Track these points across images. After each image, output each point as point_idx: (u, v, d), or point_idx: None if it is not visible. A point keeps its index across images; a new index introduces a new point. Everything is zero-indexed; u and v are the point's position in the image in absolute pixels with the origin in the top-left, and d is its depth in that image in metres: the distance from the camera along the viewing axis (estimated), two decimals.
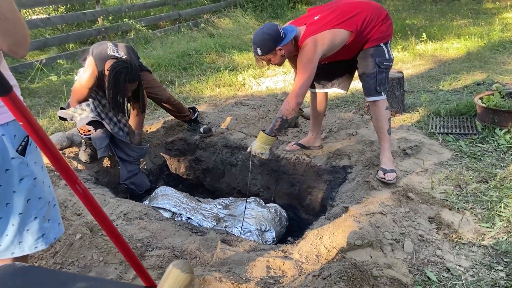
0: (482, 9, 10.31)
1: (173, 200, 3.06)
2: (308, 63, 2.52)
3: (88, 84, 3.03)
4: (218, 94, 5.05)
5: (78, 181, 0.87)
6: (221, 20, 9.64)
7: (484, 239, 2.15)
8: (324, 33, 2.54)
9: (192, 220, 2.94)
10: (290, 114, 2.57)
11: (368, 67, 2.69)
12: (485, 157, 2.93)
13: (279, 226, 2.98)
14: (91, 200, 0.90)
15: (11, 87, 0.85)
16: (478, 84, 4.59)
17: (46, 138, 0.87)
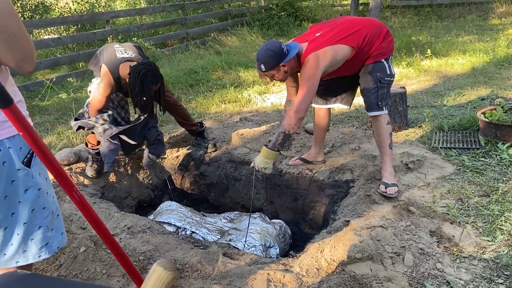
0: (488, 25, 10.36)
1: (177, 215, 3.10)
2: (310, 79, 2.57)
3: (106, 93, 3.07)
4: (224, 110, 5.12)
5: (74, 188, 0.91)
6: (228, 38, 9.81)
7: (485, 253, 2.14)
8: (326, 49, 2.59)
9: (196, 234, 2.97)
10: (292, 129, 2.61)
11: (369, 82, 2.73)
12: (488, 171, 2.93)
13: (283, 243, 2.99)
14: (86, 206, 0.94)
15: (11, 100, 0.91)
16: (482, 99, 4.60)
17: (44, 148, 0.92)
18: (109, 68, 3.04)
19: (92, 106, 3.14)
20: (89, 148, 3.38)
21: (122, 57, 3.09)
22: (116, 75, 3.05)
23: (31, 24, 7.69)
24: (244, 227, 3.01)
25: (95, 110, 3.14)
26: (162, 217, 3.09)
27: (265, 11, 12.44)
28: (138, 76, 2.93)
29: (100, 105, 3.13)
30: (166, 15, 11.18)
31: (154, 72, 2.99)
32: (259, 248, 2.81)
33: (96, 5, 11.47)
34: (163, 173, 3.79)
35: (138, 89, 2.96)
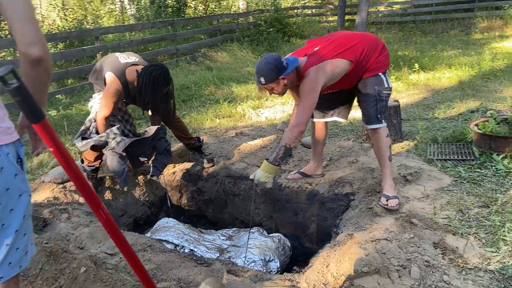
0: (471, 39, 10.65)
1: (175, 232, 3.05)
2: (311, 92, 2.59)
3: (114, 99, 3.00)
4: (218, 125, 5.11)
5: (101, 206, 0.89)
6: (218, 54, 9.86)
7: (490, 264, 2.15)
8: (325, 63, 2.63)
9: (195, 252, 2.92)
10: (293, 143, 2.61)
11: (368, 96, 2.76)
12: (485, 182, 2.97)
13: (283, 256, 2.96)
14: (113, 226, 0.91)
15: (43, 115, 0.89)
16: (472, 112, 4.68)
17: (73, 164, 0.90)
18: (116, 74, 3.01)
19: (100, 115, 3.06)
20: (85, 165, 3.32)
21: (126, 62, 3.08)
22: (123, 80, 3.02)
23: None
24: (242, 243, 2.98)
25: (102, 118, 3.05)
26: (159, 234, 3.04)
27: (253, 27, 12.58)
28: (150, 77, 2.91)
29: (108, 112, 3.04)
30: (155, 31, 11.20)
31: (165, 74, 2.99)
32: (259, 263, 2.78)
33: (84, 22, 11.44)
34: (159, 189, 3.74)
35: (149, 89, 2.94)
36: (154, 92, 2.98)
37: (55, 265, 2.21)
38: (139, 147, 3.22)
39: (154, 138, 3.28)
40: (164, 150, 3.31)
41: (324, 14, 16.43)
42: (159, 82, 2.97)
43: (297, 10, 16.04)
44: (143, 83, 2.96)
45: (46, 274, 2.16)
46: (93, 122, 3.16)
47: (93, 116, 3.17)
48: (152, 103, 3.05)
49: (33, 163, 4.09)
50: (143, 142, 3.23)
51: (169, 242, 2.94)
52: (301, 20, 14.43)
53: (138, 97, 3.05)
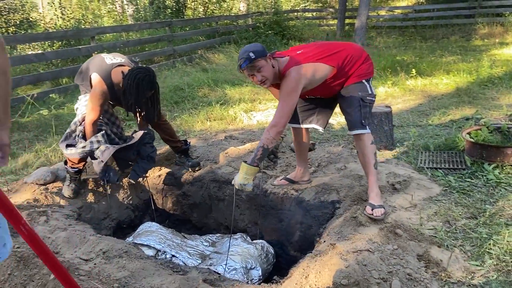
0: (471, 46, 10.59)
1: (157, 237, 2.97)
2: (291, 93, 2.53)
3: (100, 101, 2.96)
4: (209, 128, 5.04)
5: (23, 221, 0.82)
6: (215, 56, 9.81)
7: (474, 278, 2.07)
8: (307, 65, 2.59)
9: (176, 258, 2.85)
10: (271, 143, 2.54)
11: (352, 100, 2.69)
12: (474, 192, 2.89)
13: (265, 263, 2.89)
14: (36, 240, 0.84)
15: None
16: (467, 119, 4.62)
17: None
18: (101, 75, 2.96)
19: (87, 119, 3.01)
20: (68, 167, 3.25)
21: (112, 63, 3.03)
22: (108, 81, 2.97)
23: (14, 39, 7.58)
24: (225, 250, 2.90)
25: (90, 123, 3.01)
26: (141, 238, 2.97)
27: (252, 29, 12.53)
28: (134, 80, 2.87)
29: (96, 116, 3.00)
30: (153, 32, 11.16)
31: (150, 78, 2.94)
32: (240, 271, 2.70)
33: (82, 21, 11.40)
34: (144, 193, 3.66)
35: (133, 92, 2.89)
36: (138, 95, 2.94)
37: (25, 271, 2.14)
38: (125, 153, 3.19)
39: (139, 143, 3.23)
40: (147, 156, 3.26)
41: (325, 17, 16.38)
42: (144, 86, 2.92)
43: (297, 13, 15.99)
44: (127, 85, 2.91)
45: (14, 280, 2.09)
46: (78, 125, 3.11)
47: (78, 118, 3.13)
48: (135, 106, 3.00)
49: (17, 163, 4.02)
50: (128, 148, 3.18)
51: (150, 247, 2.87)
52: (301, 23, 14.38)
53: (123, 99, 3.01)
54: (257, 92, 6.80)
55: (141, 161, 3.25)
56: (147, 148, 3.27)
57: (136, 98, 2.95)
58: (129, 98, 2.95)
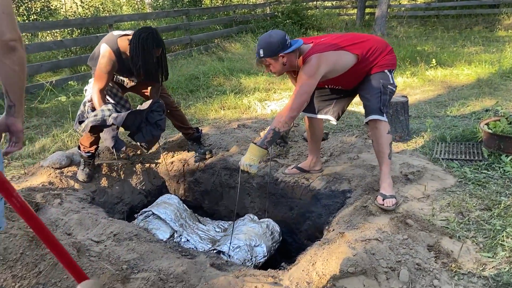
0: (494, 36, 10.27)
1: (173, 212, 3.04)
2: (309, 79, 2.51)
3: (108, 68, 2.97)
4: (223, 116, 5.05)
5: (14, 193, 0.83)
6: (232, 45, 9.78)
7: (485, 270, 2.03)
8: (330, 53, 2.56)
9: (189, 242, 2.88)
10: (282, 127, 2.52)
11: (372, 87, 2.65)
12: (490, 184, 2.82)
13: (270, 241, 2.88)
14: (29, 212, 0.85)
15: None
16: (487, 111, 4.50)
17: None
18: (108, 44, 2.98)
19: (95, 88, 3.03)
20: (81, 151, 3.31)
21: (119, 33, 3.05)
22: (115, 48, 2.98)
23: (34, 26, 7.70)
24: (231, 230, 2.93)
25: (97, 91, 3.02)
26: (159, 210, 3.04)
27: (270, 19, 12.42)
28: (139, 40, 2.88)
29: (103, 84, 3.01)
30: (170, 21, 11.18)
31: (154, 35, 2.93)
32: (243, 248, 2.71)
33: (100, 9, 11.50)
34: (157, 178, 3.70)
35: (139, 53, 2.89)
36: (145, 56, 2.92)
37: (36, 251, 2.19)
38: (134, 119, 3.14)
39: (148, 110, 3.21)
40: (155, 124, 3.21)
41: (344, 6, 16.12)
42: (149, 44, 2.91)
43: (316, 2, 15.77)
44: (133, 48, 2.91)
45: (26, 259, 2.13)
46: (87, 103, 3.14)
47: (88, 98, 3.15)
48: (143, 67, 2.97)
49: (35, 147, 4.10)
50: (138, 115, 3.16)
51: (165, 229, 2.91)
52: (319, 12, 14.18)
53: (131, 64, 2.99)
54: (272, 82, 6.76)
55: (149, 126, 3.23)
56: (155, 115, 3.23)
57: (144, 59, 2.93)
58: (137, 61, 2.94)
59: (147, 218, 3.04)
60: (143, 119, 3.19)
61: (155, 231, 2.91)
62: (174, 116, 3.59)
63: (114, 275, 2.09)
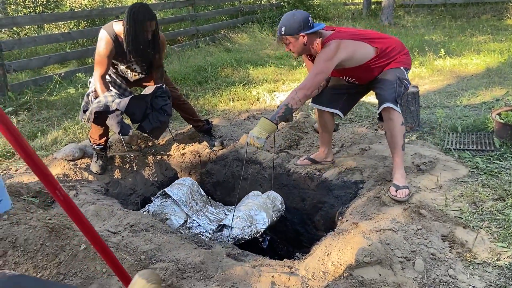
0: (503, 25, 10.16)
1: (185, 194, 3.10)
2: (326, 62, 2.54)
3: (105, 51, 3.00)
4: (232, 108, 5.06)
5: (58, 186, 0.85)
6: (238, 36, 9.73)
7: (500, 259, 2.05)
8: (350, 41, 2.60)
9: (200, 227, 2.92)
10: (295, 104, 2.53)
11: (388, 81, 2.67)
12: (503, 174, 2.82)
13: (271, 209, 2.92)
14: (72, 206, 0.88)
15: None
16: (497, 100, 4.47)
17: (25, 144, 0.86)
18: (105, 29, 3.02)
19: (95, 75, 3.07)
20: (92, 144, 3.34)
21: (115, 20, 3.09)
22: (111, 31, 3.00)
23: (41, 18, 7.70)
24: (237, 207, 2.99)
25: (99, 78, 3.05)
26: (172, 191, 3.10)
27: (276, 9, 12.33)
28: (130, 14, 2.89)
29: (103, 69, 3.04)
30: (176, 12, 11.13)
31: (145, 8, 2.94)
32: (243, 217, 2.76)
33: (106, 1, 11.47)
34: (169, 170, 3.73)
35: (131, 27, 2.90)
36: (136, 29, 2.92)
37: (56, 242, 2.23)
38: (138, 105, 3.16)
39: (152, 97, 3.22)
40: (160, 109, 3.21)
41: None
42: (140, 16, 2.91)
43: None
44: (126, 22, 2.92)
45: (46, 250, 2.18)
46: (91, 94, 3.16)
47: (92, 89, 3.17)
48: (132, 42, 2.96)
49: (47, 140, 4.14)
50: (142, 100, 3.17)
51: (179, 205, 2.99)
52: (326, 2, 14.06)
53: (125, 42, 2.98)
54: (280, 72, 6.75)
55: (155, 112, 3.23)
56: (160, 101, 3.24)
57: (135, 33, 2.93)
58: (129, 35, 2.93)
59: (162, 203, 3.09)
60: (148, 105, 3.19)
61: (170, 216, 2.98)
62: (183, 110, 3.61)
63: (133, 265, 2.13)
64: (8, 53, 7.53)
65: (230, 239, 2.70)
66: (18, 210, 2.41)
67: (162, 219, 2.95)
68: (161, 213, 3.02)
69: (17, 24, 7.41)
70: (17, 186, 2.82)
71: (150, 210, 3.09)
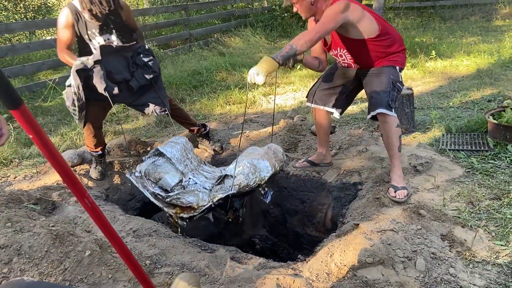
0: (492, 26, 10.32)
1: (179, 152, 3.01)
2: (333, 15, 2.53)
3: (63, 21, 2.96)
4: (228, 111, 5.09)
5: (86, 194, 0.88)
6: (232, 39, 9.78)
7: (499, 257, 2.10)
8: (359, 7, 2.63)
9: (197, 185, 2.88)
10: (300, 46, 2.48)
11: (382, 82, 2.69)
12: (498, 173, 2.89)
13: (273, 159, 2.90)
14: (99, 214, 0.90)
15: (21, 100, 0.87)
16: (489, 101, 4.56)
17: (55, 151, 0.88)
18: (67, 6, 3.01)
19: (58, 46, 3.06)
20: (91, 151, 3.35)
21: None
22: (71, 7, 2.98)
23: (34, 24, 7.67)
24: None
25: (63, 47, 3.03)
26: (165, 148, 3.01)
27: (268, 12, 12.40)
28: None
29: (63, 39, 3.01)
30: (169, 16, 11.15)
31: None
32: (246, 165, 2.71)
33: None
34: None
35: None
36: None
37: (61, 248, 2.24)
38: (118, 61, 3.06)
39: (133, 55, 3.14)
40: (145, 65, 3.15)
41: None
42: None
43: None
44: None
45: (51, 256, 2.18)
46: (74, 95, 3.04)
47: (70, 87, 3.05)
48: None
49: None
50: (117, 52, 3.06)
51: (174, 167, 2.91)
52: None
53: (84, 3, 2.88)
54: (275, 76, 6.79)
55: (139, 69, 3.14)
56: (143, 57, 3.16)
57: None
58: None
59: (155, 162, 2.99)
60: (130, 62, 3.12)
61: (164, 175, 2.87)
62: (175, 114, 3.60)
63: None
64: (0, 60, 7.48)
65: (234, 186, 2.64)
66: (21, 218, 2.41)
67: (155, 178, 2.86)
68: (155, 172, 2.91)
69: (10, 31, 7.37)
70: (18, 194, 2.82)
71: (141, 170, 2.96)
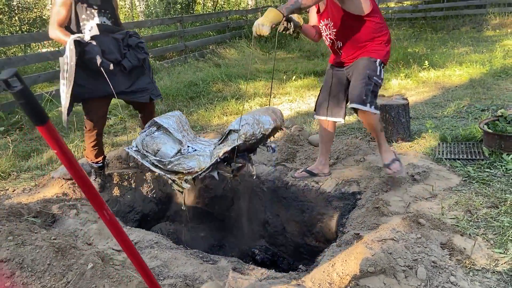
0: (483, 36, 10.50)
1: (176, 123, 3.01)
2: None
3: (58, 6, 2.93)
4: (226, 122, 5.12)
5: (105, 207, 0.90)
6: (227, 51, 9.86)
7: (498, 265, 2.13)
8: None
9: (196, 151, 2.87)
10: (305, 0, 2.52)
11: (358, 75, 2.81)
12: (494, 182, 2.93)
13: (274, 115, 2.89)
14: (117, 226, 0.92)
15: (47, 117, 0.89)
16: (482, 110, 4.63)
17: (77, 166, 0.90)
18: None
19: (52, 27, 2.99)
20: (90, 163, 3.35)
21: None
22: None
23: (30, 37, 7.69)
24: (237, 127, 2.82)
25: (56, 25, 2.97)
26: (162, 120, 3.00)
27: None
28: None
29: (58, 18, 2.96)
30: (164, 28, 11.23)
31: None
32: (249, 119, 2.71)
33: None
34: (167, 186, 3.76)
35: None
36: None
37: (63, 261, 2.23)
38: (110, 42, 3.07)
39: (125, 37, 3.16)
40: (137, 46, 3.17)
41: None
42: None
43: None
44: None
45: (54, 270, 2.18)
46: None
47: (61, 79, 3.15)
48: None
49: (43, 159, 4.13)
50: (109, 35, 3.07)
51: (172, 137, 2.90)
52: None
53: None
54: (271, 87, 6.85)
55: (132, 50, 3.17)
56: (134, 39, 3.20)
57: None
58: None
59: (152, 134, 2.97)
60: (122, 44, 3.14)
61: (162, 146, 2.86)
62: None
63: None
64: None
65: (240, 137, 2.63)
66: (22, 231, 2.41)
67: (153, 150, 2.85)
68: (153, 144, 2.87)
69: (6, 44, 7.38)
70: (18, 207, 2.81)
71: (137, 143, 2.96)
